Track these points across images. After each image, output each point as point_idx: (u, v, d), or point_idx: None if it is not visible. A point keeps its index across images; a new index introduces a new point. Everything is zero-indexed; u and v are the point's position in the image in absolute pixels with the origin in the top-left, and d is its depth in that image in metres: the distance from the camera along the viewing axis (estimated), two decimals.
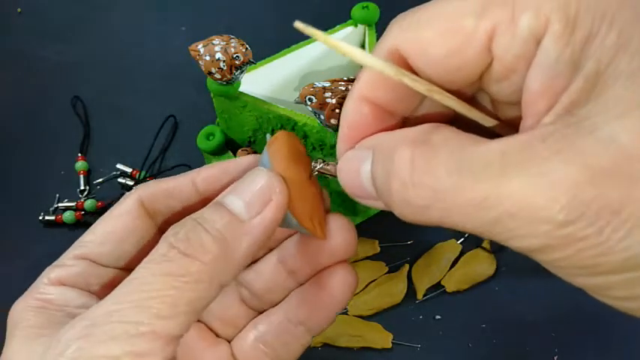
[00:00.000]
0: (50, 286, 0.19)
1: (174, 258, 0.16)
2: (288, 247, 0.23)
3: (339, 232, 0.21)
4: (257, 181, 0.18)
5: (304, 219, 0.19)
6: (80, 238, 0.21)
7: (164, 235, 0.17)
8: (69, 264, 0.20)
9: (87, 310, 0.17)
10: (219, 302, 0.24)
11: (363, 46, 0.50)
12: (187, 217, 0.18)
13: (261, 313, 0.24)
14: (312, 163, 0.21)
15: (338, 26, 0.48)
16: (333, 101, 0.36)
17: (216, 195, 0.20)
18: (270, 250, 0.24)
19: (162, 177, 0.54)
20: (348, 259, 0.22)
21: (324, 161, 0.21)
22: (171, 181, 0.22)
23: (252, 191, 0.18)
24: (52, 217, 0.51)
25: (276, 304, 0.23)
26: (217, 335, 0.24)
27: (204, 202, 0.21)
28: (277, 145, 0.20)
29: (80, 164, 0.55)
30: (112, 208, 0.21)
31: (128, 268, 0.20)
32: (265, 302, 0.24)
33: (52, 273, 0.19)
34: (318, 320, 0.22)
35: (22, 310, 0.18)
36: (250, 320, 0.24)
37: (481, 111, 0.17)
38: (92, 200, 0.52)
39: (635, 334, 0.45)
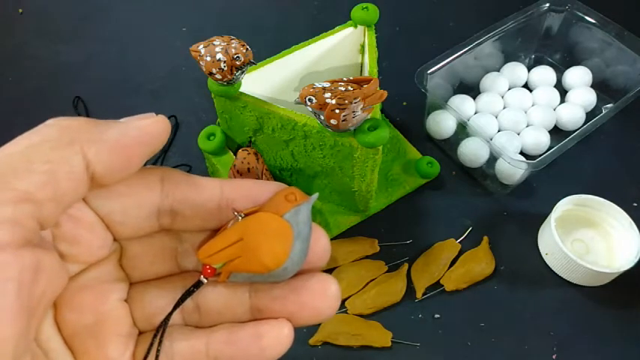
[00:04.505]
0: None
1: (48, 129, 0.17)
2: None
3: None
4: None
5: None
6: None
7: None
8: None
9: None
10: (152, 296, 0.21)
11: (362, 47, 0.50)
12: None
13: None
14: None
15: (337, 27, 0.48)
16: (333, 102, 0.36)
17: (242, 206, 0.20)
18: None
19: None
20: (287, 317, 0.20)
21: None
22: (198, 177, 0.20)
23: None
24: None
25: (207, 326, 0.21)
26: (139, 329, 0.21)
27: (221, 208, 0.20)
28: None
29: None
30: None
31: None
32: (204, 322, 0.21)
33: None
34: None
35: None
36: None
37: None
38: None
39: (633, 333, 0.45)
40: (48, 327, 0.18)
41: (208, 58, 0.40)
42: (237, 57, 0.40)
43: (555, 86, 0.59)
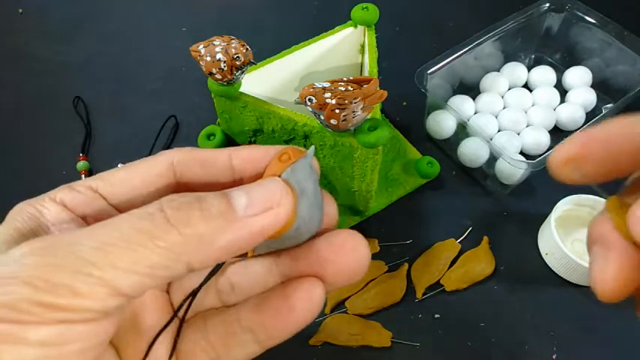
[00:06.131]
0: (52, 202, 0.19)
1: (156, 220, 0.16)
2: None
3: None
4: (267, 187, 0.18)
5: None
6: (101, 173, 0.20)
7: (161, 198, 0.17)
8: (78, 190, 0.20)
9: (58, 233, 0.17)
10: (191, 280, 0.22)
11: (362, 47, 0.50)
12: (191, 192, 0.18)
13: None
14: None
15: (337, 27, 0.48)
16: (333, 102, 0.36)
17: (250, 177, 0.20)
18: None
19: None
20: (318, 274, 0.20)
21: None
22: (208, 152, 0.21)
23: (258, 193, 0.18)
24: None
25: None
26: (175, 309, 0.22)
27: (235, 181, 0.21)
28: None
29: (82, 164, 0.55)
30: (143, 159, 0.21)
31: None
32: (240, 300, 0.22)
33: (60, 193, 0.19)
34: (269, 332, 0.20)
35: (18, 212, 0.18)
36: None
37: None
38: None
39: (633, 332, 0.45)
40: None
41: (208, 58, 0.40)
42: (237, 57, 0.40)
43: (555, 86, 0.59)
